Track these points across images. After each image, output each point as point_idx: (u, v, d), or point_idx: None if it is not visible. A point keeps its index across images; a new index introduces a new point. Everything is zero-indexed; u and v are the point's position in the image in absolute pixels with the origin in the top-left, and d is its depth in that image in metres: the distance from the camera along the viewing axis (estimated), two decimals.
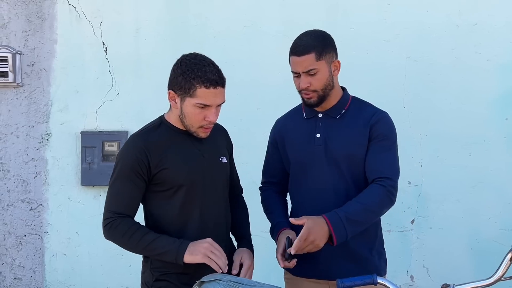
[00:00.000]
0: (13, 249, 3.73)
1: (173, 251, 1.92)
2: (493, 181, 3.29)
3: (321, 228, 2.01)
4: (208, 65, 1.98)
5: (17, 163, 3.71)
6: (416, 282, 3.39)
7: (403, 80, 3.36)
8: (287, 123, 2.35)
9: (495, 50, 3.28)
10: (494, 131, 3.29)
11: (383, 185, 2.10)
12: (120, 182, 2.01)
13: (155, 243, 1.95)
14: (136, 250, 2.01)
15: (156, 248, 1.95)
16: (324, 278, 2.21)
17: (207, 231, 2.05)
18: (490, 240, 3.27)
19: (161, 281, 2.04)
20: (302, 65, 2.12)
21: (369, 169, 2.16)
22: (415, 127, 3.32)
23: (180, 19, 3.57)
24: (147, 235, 1.97)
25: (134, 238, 1.97)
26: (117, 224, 1.99)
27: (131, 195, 2.02)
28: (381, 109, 2.26)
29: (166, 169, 2.01)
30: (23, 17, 3.69)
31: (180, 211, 2.05)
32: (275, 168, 2.40)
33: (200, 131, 2.05)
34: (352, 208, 2.06)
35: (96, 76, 3.65)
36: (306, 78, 2.13)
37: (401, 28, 3.36)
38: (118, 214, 2.00)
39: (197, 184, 2.06)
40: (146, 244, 1.95)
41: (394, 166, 2.17)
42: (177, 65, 2.02)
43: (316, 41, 2.14)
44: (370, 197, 2.10)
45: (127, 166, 2.00)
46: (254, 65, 3.48)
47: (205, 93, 1.96)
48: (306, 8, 3.44)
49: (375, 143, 2.16)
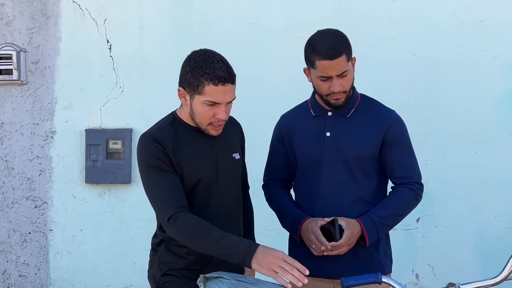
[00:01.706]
0: (17, 247, 3.73)
1: (241, 253, 1.80)
2: (499, 179, 3.27)
3: (356, 231, 2.10)
4: (217, 62, 1.93)
5: (21, 160, 3.72)
6: (421, 281, 3.37)
7: (409, 77, 3.34)
8: (294, 120, 2.32)
9: (502, 47, 3.26)
10: (500, 129, 3.27)
11: (412, 189, 2.19)
12: (159, 176, 1.94)
13: (223, 241, 1.83)
14: (201, 246, 1.88)
15: (224, 248, 1.82)
16: (329, 277, 2.20)
17: (218, 227, 2.02)
18: (496, 238, 3.26)
19: (168, 276, 2.03)
20: (336, 68, 2.08)
21: (396, 175, 2.21)
22: (421, 125, 3.30)
23: (185, 17, 3.56)
24: (215, 231, 1.85)
25: (202, 233, 1.85)
26: (183, 217, 1.88)
27: (175, 183, 1.94)
28: (390, 108, 2.26)
29: (180, 166, 1.98)
30: (27, 14, 3.69)
31: (193, 208, 2.00)
32: (280, 165, 2.37)
33: (210, 128, 2.01)
34: (385, 213, 2.14)
35: (101, 74, 3.64)
36: (339, 81, 2.10)
37: (406, 25, 3.34)
38: (180, 207, 1.90)
39: (210, 181, 2.04)
40: (214, 241, 1.83)
41: (418, 168, 2.25)
42: (186, 62, 1.98)
43: (343, 42, 2.12)
44: (401, 202, 2.18)
45: (154, 159, 1.94)
46: (259, 63, 3.47)
47: (214, 90, 1.92)
48: (311, 5, 3.42)
49: (396, 147, 2.19)
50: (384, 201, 2.19)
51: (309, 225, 2.14)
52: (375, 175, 2.22)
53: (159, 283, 2.06)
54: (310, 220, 2.16)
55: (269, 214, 2.49)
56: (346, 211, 2.16)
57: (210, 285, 1.74)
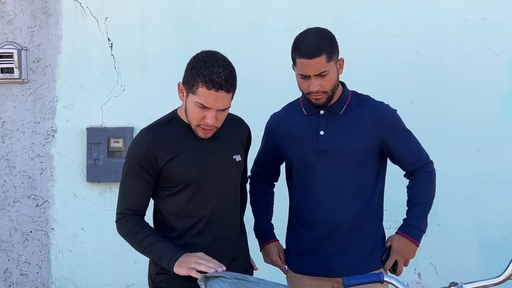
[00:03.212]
0: (19, 245, 3.73)
1: (166, 260, 1.94)
2: (501, 178, 3.26)
3: (406, 245, 2.19)
4: (219, 67, 1.91)
5: (23, 159, 3.71)
6: (423, 280, 3.36)
7: (411, 75, 3.33)
8: (286, 119, 2.31)
9: (504, 45, 3.25)
10: (503, 127, 3.26)
11: (429, 172, 2.24)
12: (130, 178, 2.02)
13: (153, 247, 1.97)
14: (138, 250, 2.03)
15: (153, 253, 1.99)
16: (327, 275, 2.20)
17: (214, 229, 2.04)
18: (498, 237, 3.25)
19: (162, 275, 2.06)
20: (314, 68, 2.06)
21: (406, 163, 2.24)
22: (423, 123, 3.28)
23: (186, 15, 3.56)
24: (149, 237, 1.98)
25: (137, 237, 2.00)
26: (125, 221, 2.03)
27: (141, 190, 2.03)
28: (380, 101, 2.26)
29: (174, 166, 1.99)
30: (28, 13, 3.69)
31: (187, 209, 2.02)
32: (268, 162, 2.41)
33: (199, 130, 2.00)
34: (419, 214, 2.22)
35: (102, 72, 3.64)
36: (317, 81, 2.08)
37: (409, 23, 3.33)
38: (129, 211, 2.03)
39: (205, 182, 2.03)
40: (145, 246, 1.98)
41: (421, 147, 2.27)
42: (192, 59, 1.99)
43: (325, 41, 2.09)
44: (426, 193, 2.23)
45: (135, 162, 2.00)
46: (260, 61, 3.46)
47: (206, 93, 1.90)
48: (312, 3, 3.41)
49: (398, 136, 2.21)
50: (413, 198, 2.24)
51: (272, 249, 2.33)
52: (371, 168, 2.21)
53: (155, 281, 2.10)
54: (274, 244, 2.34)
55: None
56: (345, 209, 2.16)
57: (210, 284, 1.73)
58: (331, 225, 2.17)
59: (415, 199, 2.22)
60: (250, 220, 2.39)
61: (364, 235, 2.19)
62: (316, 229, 2.20)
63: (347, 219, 2.16)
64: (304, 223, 2.25)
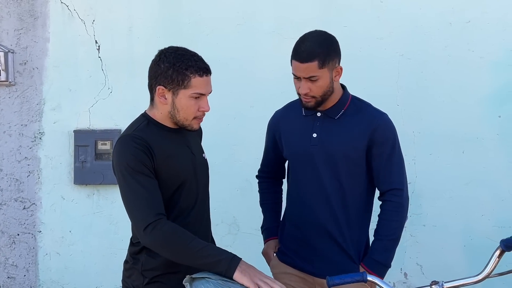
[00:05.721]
0: (6, 248, 3.71)
1: (225, 263, 1.76)
2: (486, 179, 3.30)
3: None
4: (194, 55, 1.97)
5: (10, 162, 3.70)
6: (409, 279, 3.39)
7: (396, 77, 3.36)
8: (285, 117, 2.35)
9: (488, 48, 3.28)
10: (487, 128, 3.29)
11: (398, 202, 2.18)
12: (138, 181, 1.86)
13: (206, 250, 1.79)
14: (182, 255, 1.82)
15: (208, 256, 1.78)
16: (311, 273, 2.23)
17: (199, 231, 2.00)
18: (483, 237, 3.28)
19: (153, 283, 1.97)
20: (303, 71, 2.08)
21: (380, 181, 2.21)
22: (408, 125, 3.32)
23: (173, 17, 3.56)
24: (196, 240, 1.81)
25: (184, 242, 1.80)
26: (162, 225, 1.81)
27: (154, 189, 1.87)
28: (381, 111, 2.23)
29: (162, 168, 1.94)
30: (15, 15, 3.68)
31: (176, 211, 1.98)
32: (270, 158, 2.47)
33: (194, 122, 2.01)
34: (383, 248, 2.16)
35: (89, 75, 3.63)
36: (307, 84, 2.10)
37: (394, 25, 3.36)
38: (158, 215, 1.82)
39: (191, 183, 2.03)
40: (196, 249, 1.78)
41: (402, 174, 2.21)
42: (160, 60, 1.98)
43: (321, 48, 2.08)
44: (393, 226, 2.18)
45: (136, 161, 1.87)
46: (248, 63, 3.47)
47: (200, 81, 1.94)
48: (300, 6, 3.43)
49: (381, 152, 2.16)
50: (378, 231, 2.19)
51: (270, 244, 2.42)
52: (362, 180, 2.21)
53: None
54: (273, 241, 2.42)
55: (258, 214, 2.51)
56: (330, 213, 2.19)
57: (196, 285, 1.73)
58: (316, 227, 2.20)
59: (382, 231, 2.19)
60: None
61: (349, 239, 2.20)
62: (302, 230, 2.24)
63: (332, 222, 2.18)
64: (293, 222, 2.29)
